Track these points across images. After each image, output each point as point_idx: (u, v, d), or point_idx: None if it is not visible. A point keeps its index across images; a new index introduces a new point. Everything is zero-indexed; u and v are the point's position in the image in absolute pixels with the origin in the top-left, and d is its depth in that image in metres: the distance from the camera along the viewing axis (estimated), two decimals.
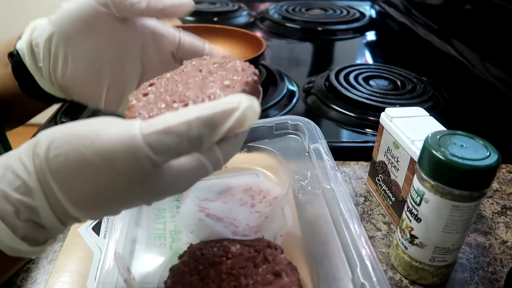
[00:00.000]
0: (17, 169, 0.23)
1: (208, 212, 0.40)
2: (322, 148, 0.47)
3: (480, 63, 0.73)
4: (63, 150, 0.23)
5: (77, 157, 0.22)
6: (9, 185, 0.23)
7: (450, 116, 0.67)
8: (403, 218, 0.40)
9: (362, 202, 0.51)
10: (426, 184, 0.36)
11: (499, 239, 0.46)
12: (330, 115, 0.68)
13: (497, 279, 0.41)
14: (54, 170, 0.23)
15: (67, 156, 0.22)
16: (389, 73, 0.80)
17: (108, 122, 0.24)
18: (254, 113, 0.24)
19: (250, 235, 0.38)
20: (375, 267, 0.33)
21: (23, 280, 0.39)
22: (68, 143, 0.23)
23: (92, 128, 0.23)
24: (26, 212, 0.23)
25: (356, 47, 1.10)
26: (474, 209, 0.36)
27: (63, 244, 0.43)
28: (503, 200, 0.52)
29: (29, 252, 0.24)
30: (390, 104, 0.67)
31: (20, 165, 0.23)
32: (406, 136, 0.43)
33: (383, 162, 0.48)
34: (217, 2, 1.27)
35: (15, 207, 0.23)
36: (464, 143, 0.35)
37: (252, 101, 0.24)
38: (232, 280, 0.34)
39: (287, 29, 1.11)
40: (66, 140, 0.23)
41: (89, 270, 0.40)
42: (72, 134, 0.23)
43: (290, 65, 0.92)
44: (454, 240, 0.37)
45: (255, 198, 0.42)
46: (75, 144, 0.23)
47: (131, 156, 0.22)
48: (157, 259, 0.39)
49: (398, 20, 1.08)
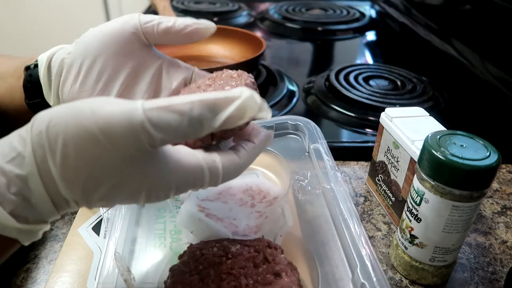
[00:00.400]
0: (15, 141, 0.23)
1: (208, 212, 0.40)
2: (322, 148, 0.47)
3: (480, 63, 0.73)
4: (64, 120, 0.22)
5: (76, 126, 0.22)
6: (3, 157, 0.23)
7: (450, 116, 0.67)
8: (403, 218, 0.40)
9: (362, 202, 0.51)
10: (426, 184, 0.36)
11: (499, 239, 0.46)
12: (330, 115, 0.68)
13: (497, 279, 0.41)
14: (51, 140, 0.22)
15: (66, 125, 0.22)
16: (389, 73, 0.80)
17: (113, 99, 0.24)
18: (255, 103, 0.25)
19: (250, 235, 0.38)
20: (375, 267, 0.33)
21: (23, 280, 0.39)
22: (69, 115, 0.23)
23: (95, 101, 0.23)
24: (16, 184, 0.23)
25: (356, 47, 1.10)
26: (474, 209, 0.36)
27: (63, 244, 0.43)
28: (503, 200, 0.52)
29: (16, 231, 0.24)
30: (390, 104, 0.67)
31: (18, 138, 0.23)
32: (406, 136, 0.43)
33: (383, 162, 0.48)
34: (217, 2, 1.27)
35: (7, 179, 0.23)
36: (464, 143, 0.35)
37: (254, 92, 0.25)
38: (232, 280, 0.34)
39: (287, 29, 1.11)
40: (68, 113, 0.23)
41: (89, 270, 0.40)
42: (75, 107, 0.23)
43: (290, 65, 0.92)
44: (454, 240, 0.37)
45: (255, 198, 0.42)
46: (76, 115, 0.23)
47: (129, 129, 0.22)
48: (157, 259, 0.39)
49: (398, 20, 1.08)
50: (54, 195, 0.23)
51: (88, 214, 0.46)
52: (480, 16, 0.74)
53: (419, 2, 1.01)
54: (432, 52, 0.89)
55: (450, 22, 0.85)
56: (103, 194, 0.24)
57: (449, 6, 0.87)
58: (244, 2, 1.32)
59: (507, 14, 0.66)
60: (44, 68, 0.36)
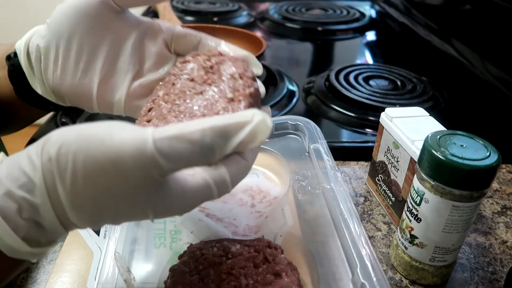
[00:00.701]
0: (24, 165, 0.23)
1: (208, 212, 0.40)
2: (322, 148, 0.47)
3: (480, 63, 0.73)
4: (73, 149, 0.22)
5: (85, 157, 0.22)
6: (14, 182, 0.23)
7: (450, 116, 0.67)
8: (403, 218, 0.40)
9: (362, 202, 0.51)
10: (426, 184, 0.36)
11: (499, 239, 0.46)
12: (330, 115, 0.68)
13: (497, 279, 0.41)
14: (62, 169, 0.22)
15: (75, 155, 0.22)
16: (389, 73, 0.80)
17: (122, 126, 0.23)
18: (267, 127, 0.24)
19: (250, 235, 0.38)
20: (375, 267, 0.33)
21: (23, 280, 0.39)
22: (79, 142, 0.22)
23: (105, 130, 0.23)
24: (28, 211, 0.23)
25: (356, 47, 1.10)
26: (474, 209, 0.36)
27: (63, 244, 0.43)
28: (503, 200, 0.52)
29: (29, 254, 0.24)
30: (390, 104, 0.67)
31: (28, 162, 0.23)
32: (406, 136, 0.43)
33: (383, 162, 0.48)
34: (217, 2, 1.27)
35: (18, 204, 0.23)
36: (464, 143, 0.35)
37: (265, 116, 0.24)
38: (232, 280, 0.34)
39: (287, 29, 1.11)
40: (78, 140, 0.23)
41: (89, 270, 0.40)
42: (85, 134, 0.23)
43: (290, 65, 0.92)
44: (454, 240, 0.37)
45: (255, 198, 0.42)
46: (85, 144, 0.22)
47: (139, 160, 0.22)
48: (157, 259, 0.39)
49: (398, 20, 1.08)
50: (63, 220, 0.24)
51: None
52: (480, 16, 0.74)
53: (419, 2, 1.01)
54: (432, 52, 0.89)
55: (450, 22, 0.85)
56: (110, 220, 0.24)
57: (449, 6, 0.86)
58: (244, 2, 1.32)
59: (507, 14, 0.66)
60: (24, 56, 0.35)
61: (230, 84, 0.30)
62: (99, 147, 0.22)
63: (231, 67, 0.31)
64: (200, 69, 0.32)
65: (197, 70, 0.32)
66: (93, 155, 0.22)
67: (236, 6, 1.24)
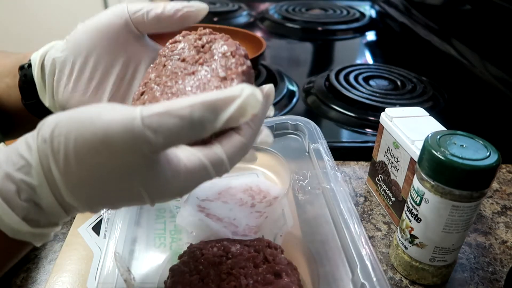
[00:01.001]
0: (22, 149, 0.24)
1: (208, 212, 0.40)
2: (322, 148, 0.47)
3: (480, 63, 0.73)
4: (65, 130, 0.23)
5: (76, 137, 0.22)
6: (12, 165, 0.23)
7: (450, 116, 0.67)
8: (403, 218, 0.40)
9: (362, 202, 0.51)
10: (426, 184, 0.36)
11: (499, 239, 0.46)
12: (330, 115, 0.68)
13: (497, 279, 0.41)
14: (55, 150, 0.23)
15: (67, 136, 0.23)
16: (389, 73, 0.80)
17: (112, 106, 0.24)
18: (256, 101, 0.24)
19: (250, 235, 0.38)
20: (375, 267, 0.33)
21: (23, 280, 0.39)
22: (70, 124, 0.23)
23: (95, 110, 0.23)
24: (26, 192, 0.23)
25: (356, 47, 1.10)
26: (474, 209, 0.36)
27: (63, 244, 0.43)
28: (503, 200, 0.52)
29: (30, 235, 0.24)
30: (390, 104, 0.67)
31: (25, 146, 0.24)
32: (406, 136, 0.43)
33: (383, 162, 0.48)
34: (217, 2, 1.27)
35: (17, 186, 0.23)
36: (464, 143, 0.35)
37: (255, 90, 0.24)
38: (232, 280, 0.34)
39: (287, 29, 1.11)
40: (69, 121, 0.23)
41: (89, 270, 0.40)
42: (76, 116, 0.23)
43: (290, 65, 0.92)
44: (454, 240, 0.37)
45: (255, 198, 0.42)
46: (76, 125, 0.23)
47: (128, 137, 0.22)
48: (157, 259, 0.39)
49: (398, 20, 1.08)
50: (61, 201, 0.24)
51: (88, 214, 0.46)
52: (480, 16, 0.74)
53: (419, 2, 1.01)
54: (432, 52, 0.89)
55: (450, 22, 0.85)
56: (106, 201, 0.24)
57: (449, 6, 0.87)
58: (244, 2, 1.32)
59: (507, 14, 0.66)
60: (38, 68, 0.36)
61: (222, 63, 0.29)
62: (89, 127, 0.22)
63: (223, 45, 0.31)
64: (191, 48, 0.32)
65: (188, 50, 0.32)
66: (83, 135, 0.22)
67: (236, 6, 1.24)
